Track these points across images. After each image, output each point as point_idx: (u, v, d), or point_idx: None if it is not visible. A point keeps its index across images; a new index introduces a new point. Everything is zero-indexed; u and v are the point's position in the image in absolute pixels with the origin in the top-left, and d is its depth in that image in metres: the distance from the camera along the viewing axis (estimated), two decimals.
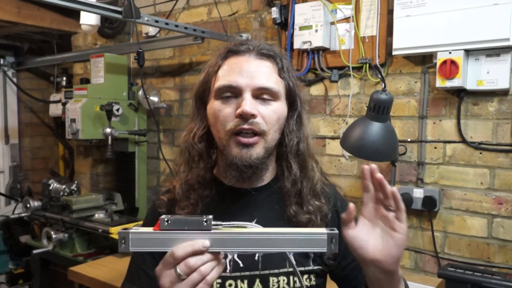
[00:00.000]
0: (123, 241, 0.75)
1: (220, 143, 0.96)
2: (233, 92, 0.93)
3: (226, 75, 0.95)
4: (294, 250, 0.80)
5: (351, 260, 1.04)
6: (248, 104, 0.90)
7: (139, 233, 0.75)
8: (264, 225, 0.99)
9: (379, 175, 0.81)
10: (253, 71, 0.94)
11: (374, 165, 0.82)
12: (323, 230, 0.77)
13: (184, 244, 0.74)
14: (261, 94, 0.94)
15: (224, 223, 0.77)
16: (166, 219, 0.75)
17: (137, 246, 0.75)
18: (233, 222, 0.78)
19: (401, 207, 0.80)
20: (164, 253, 0.76)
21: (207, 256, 0.74)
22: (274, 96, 0.95)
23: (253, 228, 0.79)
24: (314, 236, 0.76)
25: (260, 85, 0.93)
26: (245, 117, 0.90)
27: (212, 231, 0.75)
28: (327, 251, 0.77)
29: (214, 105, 0.95)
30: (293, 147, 1.00)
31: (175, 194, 1.01)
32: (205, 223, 0.75)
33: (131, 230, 0.75)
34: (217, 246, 0.75)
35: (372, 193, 0.83)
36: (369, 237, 0.82)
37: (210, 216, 0.75)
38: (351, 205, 0.82)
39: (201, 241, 0.74)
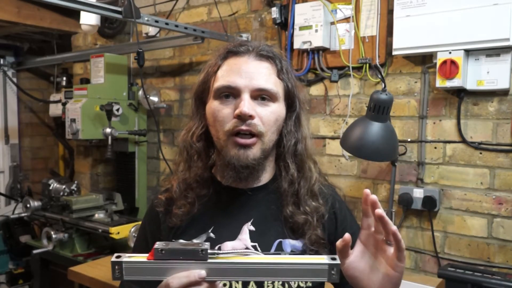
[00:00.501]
0: (117, 270, 0.72)
1: (218, 144, 0.97)
2: (231, 93, 0.94)
3: (225, 76, 0.95)
4: (294, 279, 0.77)
5: None
6: (246, 105, 0.91)
7: (133, 262, 0.73)
8: (261, 225, 0.99)
9: (379, 212, 0.76)
10: (252, 72, 0.94)
11: (374, 197, 0.78)
12: (325, 259, 0.75)
13: (179, 275, 0.72)
14: (259, 95, 0.94)
15: (222, 252, 0.75)
16: (160, 249, 0.72)
17: (131, 275, 0.73)
18: (232, 251, 0.76)
19: (402, 247, 0.77)
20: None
21: (203, 286, 0.73)
22: (272, 97, 0.95)
23: (252, 256, 0.76)
24: (315, 267, 0.74)
25: (259, 86, 0.93)
26: (243, 117, 0.90)
27: (208, 260, 0.72)
28: (327, 281, 0.75)
29: (213, 105, 0.96)
30: (290, 147, 1.00)
31: (172, 193, 1.02)
32: (201, 253, 0.72)
33: (124, 260, 0.73)
34: (214, 275, 0.72)
35: (372, 219, 0.81)
36: (364, 267, 0.82)
37: (207, 246, 0.73)
38: (347, 236, 0.79)
39: (197, 271, 0.72)
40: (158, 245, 0.73)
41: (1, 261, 3.04)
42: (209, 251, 0.73)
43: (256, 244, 0.97)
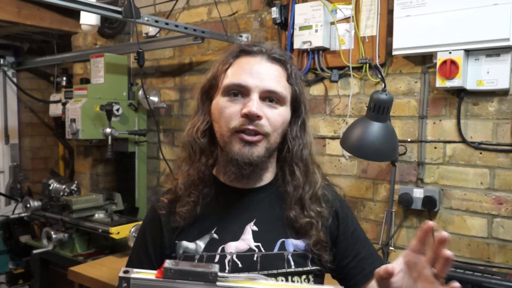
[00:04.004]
0: (124, 286, 0.72)
1: (222, 140, 0.97)
2: (241, 91, 0.94)
3: (236, 74, 0.95)
4: None
5: (352, 259, 1.05)
6: (255, 104, 0.91)
7: (142, 279, 0.72)
8: (263, 225, 1.00)
9: (449, 254, 0.73)
10: (263, 73, 0.94)
11: (446, 235, 0.73)
12: None
13: None
14: (268, 96, 0.94)
15: (231, 275, 0.74)
16: (170, 269, 0.71)
17: None
18: (241, 274, 0.76)
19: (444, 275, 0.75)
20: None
21: None
22: (280, 100, 0.96)
23: (261, 281, 0.75)
24: None
25: (269, 87, 0.94)
26: (250, 117, 0.91)
27: (217, 283, 0.72)
28: None
29: (220, 101, 0.96)
30: (298, 153, 1.01)
31: (177, 190, 1.01)
32: (211, 276, 0.72)
33: (132, 276, 0.72)
34: None
35: (425, 249, 0.76)
36: (403, 285, 0.77)
37: (216, 270, 0.72)
38: (390, 267, 0.73)
39: None
40: (168, 264, 0.72)
41: (1, 261, 3.03)
42: (219, 274, 0.72)
43: (260, 244, 0.97)
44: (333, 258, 1.02)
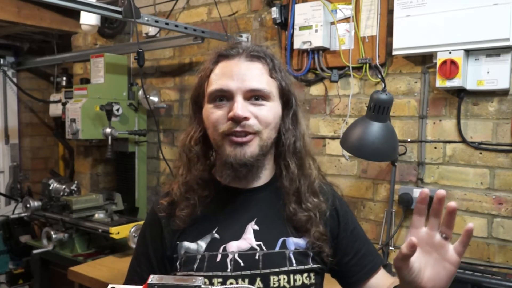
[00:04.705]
0: None
1: (215, 144, 0.98)
2: (225, 96, 0.94)
3: (217, 79, 0.96)
4: None
5: (353, 256, 1.05)
6: (240, 107, 0.91)
7: None
8: (264, 224, 1.00)
9: (454, 205, 0.76)
10: (243, 74, 0.94)
11: (443, 192, 0.77)
12: None
13: None
14: (253, 95, 0.94)
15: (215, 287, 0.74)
16: (154, 284, 0.72)
17: None
18: (226, 287, 0.76)
19: (466, 243, 0.77)
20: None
21: None
22: (266, 96, 0.95)
23: None
24: None
25: (251, 87, 0.94)
26: (237, 120, 0.91)
27: None
28: None
29: (207, 109, 0.97)
30: (290, 145, 1.00)
31: (173, 196, 1.02)
32: None
33: None
34: None
35: (424, 218, 0.80)
36: (423, 265, 0.80)
37: (200, 284, 0.72)
38: (413, 240, 0.75)
39: None
40: (152, 279, 0.73)
41: (1, 261, 3.03)
42: (202, 287, 0.72)
43: (261, 243, 0.98)
44: (333, 253, 1.02)
